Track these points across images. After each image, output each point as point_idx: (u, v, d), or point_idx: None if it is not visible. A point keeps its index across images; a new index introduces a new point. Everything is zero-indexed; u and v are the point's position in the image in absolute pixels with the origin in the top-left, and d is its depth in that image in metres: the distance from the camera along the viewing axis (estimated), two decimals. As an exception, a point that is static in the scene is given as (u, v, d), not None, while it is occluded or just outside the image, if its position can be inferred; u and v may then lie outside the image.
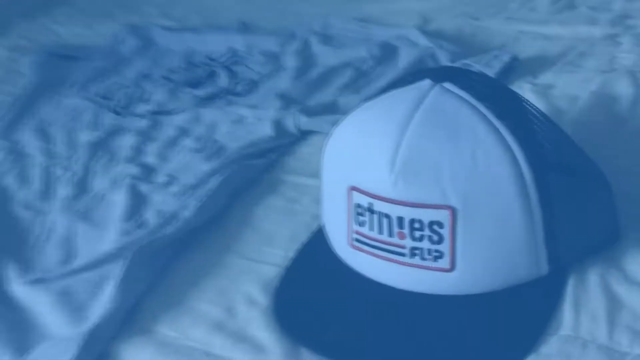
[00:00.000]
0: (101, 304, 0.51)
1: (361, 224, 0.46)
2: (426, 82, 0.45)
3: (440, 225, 0.41)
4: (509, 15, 0.88)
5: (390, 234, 0.44)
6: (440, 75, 0.47)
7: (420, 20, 0.93)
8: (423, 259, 0.43)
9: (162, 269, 0.54)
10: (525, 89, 0.68)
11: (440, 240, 0.42)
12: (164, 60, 1.03)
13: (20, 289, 0.55)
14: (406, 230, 0.43)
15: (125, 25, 1.16)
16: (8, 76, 1.12)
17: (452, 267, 0.42)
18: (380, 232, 0.44)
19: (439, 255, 0.42)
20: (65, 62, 1.10)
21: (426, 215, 0.42)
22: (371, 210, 0.45)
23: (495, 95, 0.45)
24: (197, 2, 1.31)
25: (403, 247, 0.44)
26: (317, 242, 0.53)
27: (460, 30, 0.88)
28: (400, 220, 0.43)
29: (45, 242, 0.63)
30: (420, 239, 0.42)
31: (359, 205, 0.46)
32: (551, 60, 0.75)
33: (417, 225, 0.43)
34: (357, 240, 0.47)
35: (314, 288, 0.49)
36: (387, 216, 0.44)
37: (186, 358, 0.46)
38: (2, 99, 1.06)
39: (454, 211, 0.41)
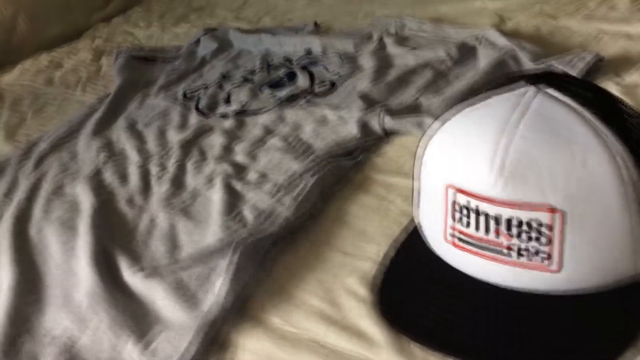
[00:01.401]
0: (212, 295, 0.55)
1: (458, 220, 0.48)
2: (527, 88, 0.47)
3: (549, 227, 0.43)
4: (588, 14, 0.88)
5: (487, 231, 0.46)
6: (535, 79, 0.49)
7: (496, 20, 0.94)
8: (528, 258, 0.45)
9: (264, 262, 0.58)
10: (611, 89, 0.69)
11: (547, 242, 0.44)
12: (243, 62, 1.07)
13: (135, 280, 0.59)
14: (504, 229, 0.45)
15: (202, 29, 1.22)
16: (93, 78, 1.19)
17: (560, 268, 0.44)
18: (477, 229, 0.47)
19: (546, 256, 0.44)
20: (145, 63, 1.17)
21: (530, 216, 0.44)
22: (469, 208, 0.47)
23: (596, 99, 0.46)
24: (269, 4, 1.36)
25: (500, 244, 0.46)
26: (413, 239, 0.55)
27: (538, 29, 0.88)
28: (499, 218, 0.45)
29: (150, 236, 0.68)
30: (527, 239, 0.44)
31: (456, 203, 0.48)
32: (635, 59, 0.76)
33: (518, 224, 0.45)
34: (453, 236, 0.49)
35: (416, 283, 0.51)
36: (485, 214, 0.46)
37: (302, 349, 0.49)
38: (89, 99, 1.13)
39: (563, 215, 0.43)
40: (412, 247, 0.55)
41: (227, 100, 0.95)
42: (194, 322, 0.53)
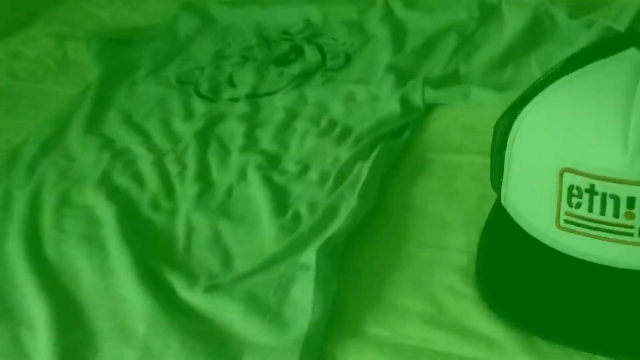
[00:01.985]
0: (296, 308, 0.49)
1: (576, 205, 0.44)
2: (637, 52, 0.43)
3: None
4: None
5: (616, 215, 0.43)
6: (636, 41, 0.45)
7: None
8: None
9: (343, 265, 0.53)
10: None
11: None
12: (233, 38, 0.99)
13: (199, 300, 0.52)
14: (637, 210, 0.42)
15: (180, 3, 1.12)
16: (62, 67, 1.08)
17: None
18: (603, 213, 0.43)
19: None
20: (122, 46, 1.07)
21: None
22: (592, 192, 0.43)
23: None
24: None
25: (632, 227, 0.43)
26: (503, 225, 0.51)
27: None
28: (632, 200, 0.42)
29: (193, 245, 0.61)
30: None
31: (573, 187, 0.44)
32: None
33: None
34: (568, 222, 0.45)
35: (523, 273, 0.48)
36: (614, 197, 0.42)
37: (412, 358, 0.45)
38: (66, 91, 1.03)
39: None
40: (504, 233, 0.51)
41: (231, 82, 0.87)
42: (283, 341, 0.47)
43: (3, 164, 0.82)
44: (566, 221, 0.45)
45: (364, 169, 0.60)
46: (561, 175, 0.45)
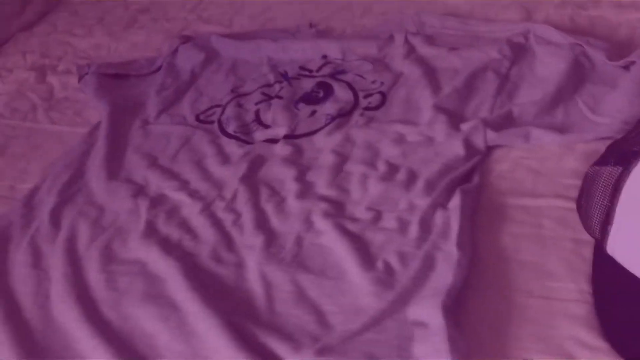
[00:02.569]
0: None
1: None
2: None
3: None
4: (616, 2, 0.88)
5: None
6: None
7: (523, 13, 0.91)
8: None
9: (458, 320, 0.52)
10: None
11: None
12: (245, 73, 0.95)
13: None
14: None
15: (177, 37, 1.07)
16: (51, 103, 1.01)
17: None
18: None
19: None
20: (120, 81, 1.01)
21: None
22: None
23: None
24: (233, 3, 1.22)
25: None
26: (609, 271, 0.52)
27: (573, 21, 0.87)
28: None
29: (277, 302, 0.58)
30: None
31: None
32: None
33: None
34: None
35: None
36: None
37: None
38: (64, 129, 0.96)
39: None
40: (618, 281, 0.51)
41: (258, 121, 0.84)
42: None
43: (19, 214, 0.75)
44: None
45: (452, 216, 0.60)
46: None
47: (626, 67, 0.74)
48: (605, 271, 0.53)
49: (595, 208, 0.53)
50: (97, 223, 0.72)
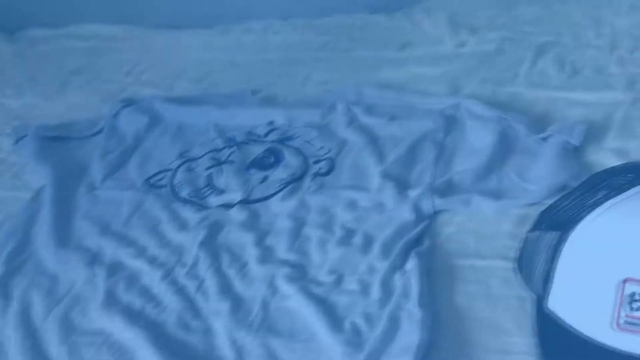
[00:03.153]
0: None
1: (637, 309, 0.53)
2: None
3: None
4: (529, 81, 0.99)
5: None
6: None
7: (450, 87, 1.00)
8: None
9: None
10: (608, 156, 0.80)
11: None
12: (191, 138, 0.97)
13: None
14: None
15: (118, 100, 1.08)
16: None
17: None
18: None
19: None
20: (60, 144, 1.00)
21: None
22: (655, 297, 0.52)
23: None
24: (173, 66, 1.24)
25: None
26: (554, 328, 0.58)
27: (495, 97, 0.97)
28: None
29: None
30: None
31: (635, 294, 0.53)
32: (601, 125, 0.87)
33: None
34: (629, 323, 0.54)
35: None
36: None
37: None
38: (6, 195, 0.93)
39: None
40: (557, 336, 0.58)
41: (211, 186, 0.87)
42: None
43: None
44: (626, 322, 0.54)
45: (411, 277, 0.65)
46: (623, 284, 0.53)
47: (545, 139, 0.84)
48: (547, 326, 0.59)
49: (532, 268, 0.60)
50: (52, 293, 0.71)
